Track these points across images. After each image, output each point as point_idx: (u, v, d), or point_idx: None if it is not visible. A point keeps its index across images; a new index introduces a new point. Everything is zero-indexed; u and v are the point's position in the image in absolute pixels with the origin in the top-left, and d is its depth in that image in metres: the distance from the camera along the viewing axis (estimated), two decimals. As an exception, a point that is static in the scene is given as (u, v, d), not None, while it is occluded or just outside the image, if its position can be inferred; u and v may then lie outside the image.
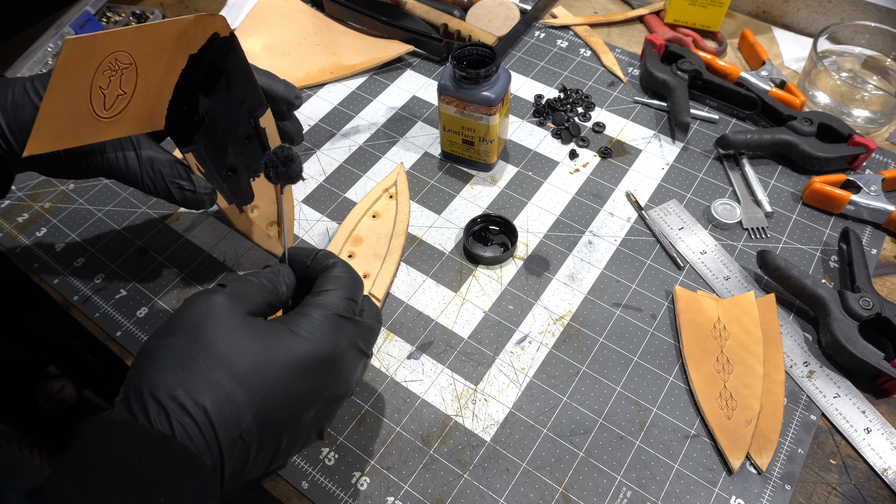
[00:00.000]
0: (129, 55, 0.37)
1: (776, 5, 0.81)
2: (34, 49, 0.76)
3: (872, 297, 0.50)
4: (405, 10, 0.79)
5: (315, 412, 0.36)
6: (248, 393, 0.32)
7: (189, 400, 0.30)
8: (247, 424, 0.32)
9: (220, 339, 0.32)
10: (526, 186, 0.64)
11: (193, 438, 0.30)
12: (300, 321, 0.35)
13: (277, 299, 0.38)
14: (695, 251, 0.58)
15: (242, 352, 0.32)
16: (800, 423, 0.48)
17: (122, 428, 0.30)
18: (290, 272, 0.40)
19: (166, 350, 0.32)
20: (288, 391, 0.33)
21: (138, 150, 0.42)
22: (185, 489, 0.29)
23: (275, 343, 0.33)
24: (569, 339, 0.53)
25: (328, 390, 0.36)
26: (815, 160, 0.61)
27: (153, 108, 0.39)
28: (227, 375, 0.31)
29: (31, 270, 0.59)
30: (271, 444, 0.34)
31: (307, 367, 0.34)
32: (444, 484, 0.46)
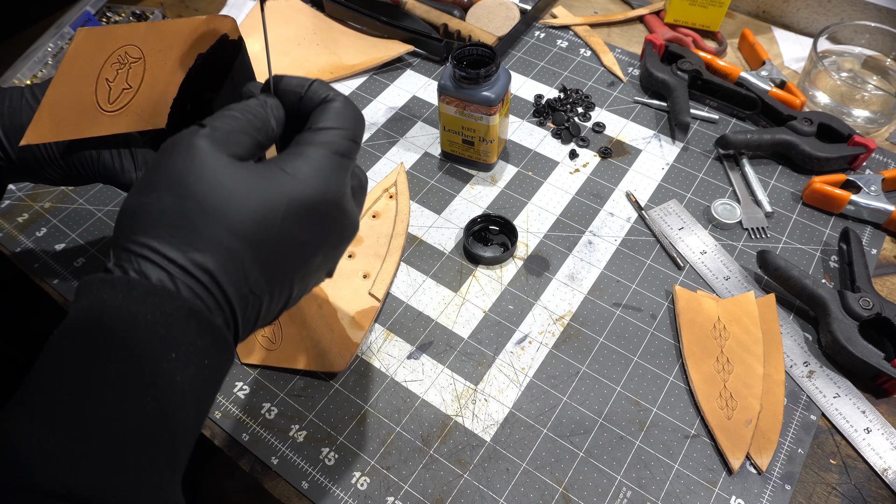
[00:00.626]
0: (139, 49, 0.37)
1: (776, 5, 0.81)
2: (34, 49, 0.76)
3: (872, 297, 0.50)
4: (405, 10, 0.79)
5: (323, 255, 0.34)
6: (251, 247, 0.29)
7: (189, 262, 0.28)
8: (255, 278, 0.30)
9: (211, 192, 0.29)
10: (526, 186, 0.64)
11: (202, 298, 0.28)
12: (299, 162, 0.31)
13: (266, 136, 0.33)
14: (695, 251, 0.58)
15: (239, 203, 0.29)
16: (800, 423, 0.48)
17: (122, 286, 0.27)
18: (279, 104, 0.35)
19: (151, 208, 0.29)
20: (293, 239, 0.31)
21: (134, 154, 0.41)
22: (197, 344, 0.28)
23: (273, 190, 0.30)
24: (569, 339, 0.53)
25: (335, 234, 0.34)
26: (815, 160, 0.61)
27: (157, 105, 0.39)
28: (225, 231, 0.29)
29: (31, 270, 0.59)
30: (282, 292, 0.32)
31: (310, 214, 0.31)
32: (444, 484, 0.46)
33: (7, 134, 0.41)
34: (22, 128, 0.40)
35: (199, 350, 0.28)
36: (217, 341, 0.29)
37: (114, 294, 0.27)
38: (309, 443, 0.48)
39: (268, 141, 0.33)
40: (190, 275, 0.28)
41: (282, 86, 0.35)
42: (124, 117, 0.39)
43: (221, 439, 0.49)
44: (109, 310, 0.27)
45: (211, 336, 0.29)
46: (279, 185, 0.30)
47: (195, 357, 0.28)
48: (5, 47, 0.83)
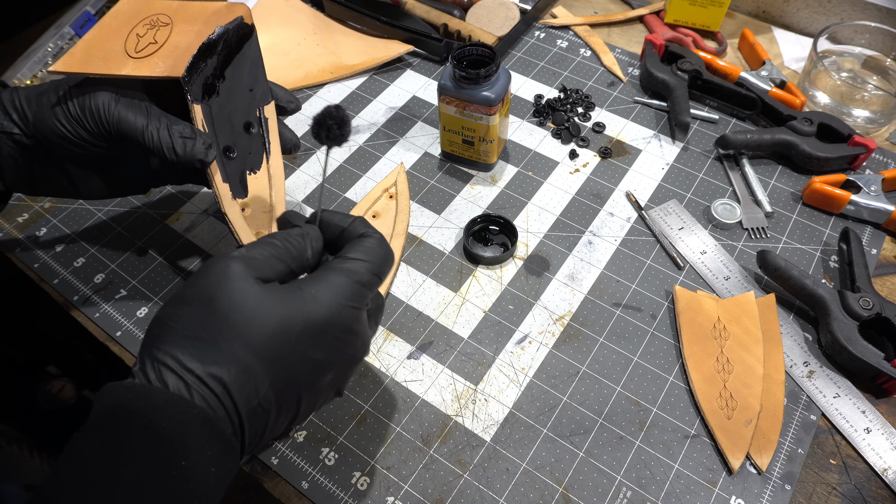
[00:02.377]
0: (169, 17, 0.45)
1: (776, 5, 0.81)
2: (34, 49, 0.76)
3: (872, 297, 0.50)
4: (405, 10, 0.79)
5: (333, 375, 0.36)
6: (264, 362, 0.31)
7: (206, 373, 0.30)
8: (265, 392, 0.32)
9: (235, 310, 0.31)
10: (526, 186, 0.64)
11: (213, 408, 0.30)
12: (319, 287, 0.34)
13: (301, 265, 0.36)
14: (695, 251, 0.58)
15: (258, 321, 0.31)
16: (800, 423, 0.48)
17: (142, 393, 0.30)
18: (320, 236, 0.37)
19: (181, 320, 0.32)
20: (305, 358, 0.33)
21: (149, 107, 0.43)
22: (207, 453, 0.29)
23: (292, 310, 0.32)
24: (569, 339, 0.53)
25: (345, 356, 0.36)
26: (815, 160, 0.61)
27: (178, 60, 0.43)
28: (243, 347, 0.31)
29: (31, 270, 0.59)
30: (290, 409, 0.34)
31: (324, 335, 0.33)
32: (444, 484, 0.46)
33: (29, 99, 0.43)
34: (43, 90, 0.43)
35: (208, 458, 0.30)
36: (226, 451, 0.31)
37: (134, 400, 0.29)
38: (309, 443, 0.48)
39: (301, 269, 0.36)
40: (205, 385, 0.30)
41: (325, 218, 0.38)
42: (147, 63, 0.43)
43: (221, 439, 0.49)
44: (128, 416, 0.29)
45: (220, 445, 0.30)
46: (298, 305, 0.33)
47: (204, 465, 0.30)
48: (5, 47, 0.83)
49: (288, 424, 0.35)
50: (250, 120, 0.49)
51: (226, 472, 0.31)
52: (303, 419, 0.36)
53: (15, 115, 0.43)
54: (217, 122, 0.46)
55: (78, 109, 0.42)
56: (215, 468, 0.30)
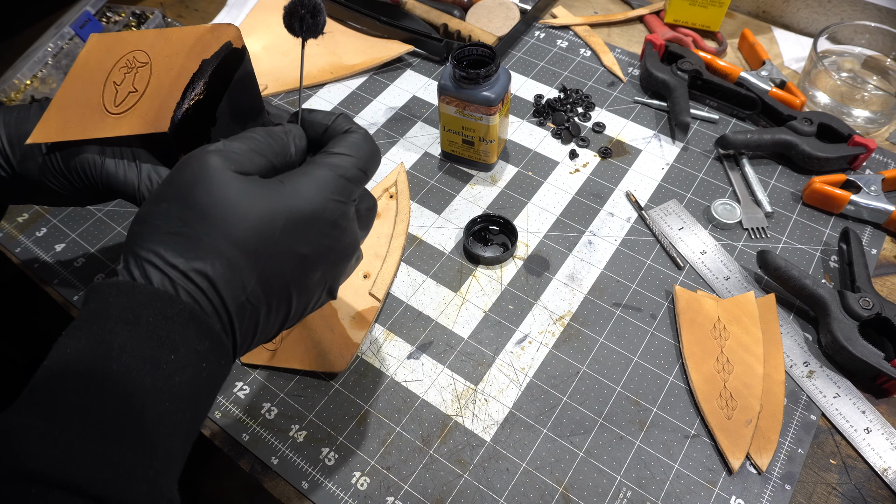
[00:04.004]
0: (147, 54, 0.40)
1: (776, 5, 0.81)
2: (34, 49, 0.76)
3: (872, 297, 0.50)
4: (405, 10, 0.79)
5: (322, 272, 0.35)
6: (249, 256, 0.31)
7: (190, 268, 0.30)
8: (252, 287, 0.31)
9: (214, 203, 0.30)
10: (526, 186, 0.64)
11: (200, 304, 0.30)
12: (303, 179, 0.33)
13: (284, 161, 0.35)
14: (695, 251, 0.58)
15: (240, 215, 0.31)
16: (800, 423, 0.48)
17: (127, 289, 0.29)
18: (302, 134, 0.36)
19: (161, 216, 0.31)
20: (291, 253, 0.32)
21: (137, 162, 0.41)
22: (196, 348, 0.29)
23: (274, 203, 0.31)
24: (569, 339, 0.53)
25: (333, 252, 0.35)
26: (815, 160, 0.61)
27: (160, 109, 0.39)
28: (225, 241, 0.30)
29: (30, 270, 0.59)
30: (281, 305, 0.33)
31: (309, 229, 0.33)
32: (444, 484, 0.46)
33: (12, 143, 0.41)
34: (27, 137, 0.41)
35: (197, 353, 0.29)
36: (215, 346, 0.30)
37: (118, 297, 0.29)
38: (309, 443, 0.48)
39: (284, 166, 0.35)
40: (190, 280, 0.30)
41: (309, 117, 0.37)
42: (128, 119, 0.39)
43: (221, 439, 0.49)
44: (114, 313, 0.28)
45: (209, 340, 0.30)
46: (281, 198, 0.32)
47: (193, 360, 0.29)
48: (5, 47, 0.83)
49: (280, 323, 0.34)
50: None
51: (218, 370, 0.31)
52: (296, 319, 0.35)
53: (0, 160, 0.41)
54: None
55: (64, 169, 0.40)
56: (206, 364, 0.30)
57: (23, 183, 0.43)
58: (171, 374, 0.28)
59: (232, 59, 0.41)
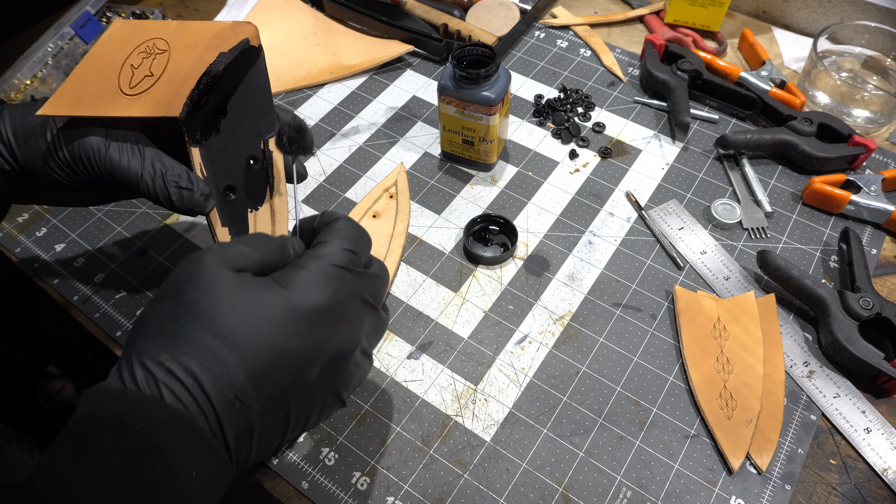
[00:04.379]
0: (167, 43, 0.41)
1: (776, 5, 0.81)
2: (34, 49, 0.76)
3: (872, 297, 0.50)
4: (405, 10, 0.79)
5: (321, 370, 0.33)
6: (236, 351, 0.30)
7: (175, 364, 0.29)
8: (241, 384, 0.30)
9: (202, 299, 0.30)
10: (526, 186, 0.64)
11: (185, 403, 0.29)
12: (292, 273, 0.33)
13: (282, 260, 0.35)
14: (695, 251, 0.58)
15: (226, 309, 0.30)
16: (800, 423, 0.48)
17: (114, 396, 0.28)
18: (301, 242, 0.37)
19: (153, 316, 0.31)
20: (281, 347, 0.31)
21: (141, 149, 0.41)
22: (186, 457, 0.28)
23: (262, 297, 0.31)
24: (569, 339, 0.53)
25: (329, 345, 0.33)
26: (815, 160, 0.61)
27: (175, 95, 0.39)
28: (211, 335, 0.30)
29: (31, 270, 0.59)
30: (276, 407, 0.32)
31: (298, 321, 0.31)
32: (444, 484, 0.46)
33: (17, 135, 0.41)
34: (32, 128, 0.41)
35: (186, 462, 0.28)
36: (207, 454, 0.29)
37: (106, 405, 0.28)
38: (309, 443, 0.48)
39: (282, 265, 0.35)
40: (175, 378, 0.29)
41: (301, 224, 0.38)
42: (141, 102, 0.40)
43: (221, 439, 0.49)
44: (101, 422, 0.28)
45: (199, 448, 0.29)
46: (270, 294, 0.31)
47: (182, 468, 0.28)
48: (5, 47, 0.83)
49: (281, 429, 0.33)
50: (254, 153, 0.45)
51: (211, 479, 0.29)
52: (301, 426, 0.34)
53: (5, 152, 0.41)
54: (217, 161, 0.43)
55: (68, 156, 0.40)
56: (197, 472, 0.28)
57: (27, 177, 0.42)
58: (157, 487, 0.27)
59: (248, 55, 0.41)
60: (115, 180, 0.41)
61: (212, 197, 0.42)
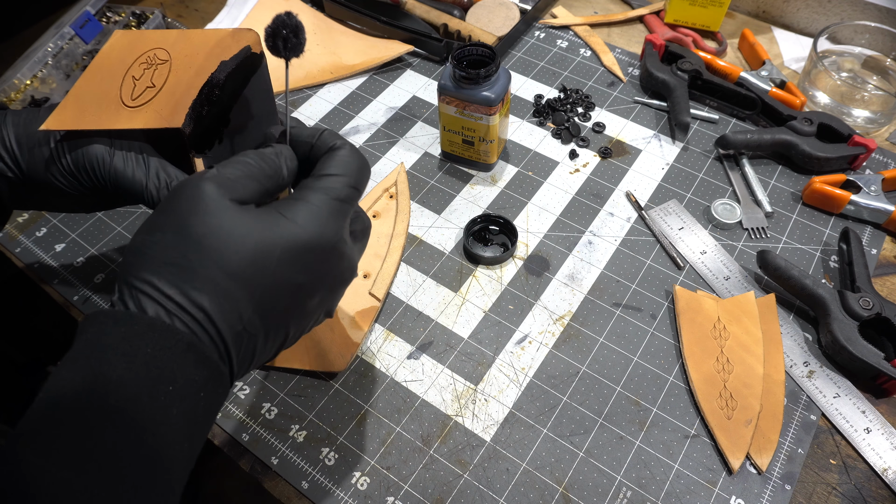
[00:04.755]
0: (168, 53, 0.41)
1: (776, 5, 0.81)
2: (34, 49, 0.76)
3: (872, 297, 0.50)
4: (405, 10, 0.79)
5: (320, 297, 0.34)
6: (245, 287, 0.30)
7: (185, 299, 0.29)
8: (249, 317, 0.31)
9: (210, 234, 0.30)
10: (526, 186, 0.64)
11: (197, 334, 0.30)
12: (297, 207, 0.33)
13: (276, 185, 0.35)
14: (695, 251, 0.58)
15: (235, 245, 0.30)
16: (800, 423, 0.48)
17: (123, 320, 0.29)
18: (293, 154, 0.36)
19: (155, 246, 0.30)
20: (288, 282, 0.32)
21: (146, 159, 0.41)
22: (194, 378, 0.29)
23: (270, 233, 0.31)
24: (569, 339, 0.53)
25: (331, 277, 0.34)
26: (815, 160, 0.61)
27: (176, 106, 0.39)
28: (220, 272, 0.30)
29: (31, 270, 0.59)
30: (278, 332, 0.33)
31: (306, 257, 0.32)
32: (444, 484, 0.46)
33: (20, 142, 0.41)
34: (35, 136, 0.41)
35: (195, 383, 0.29)
36: (213, 375, 0.30)
37: (115, 327, 0.29)
38: (309, 443, 0.48)
39: (277, 189, 0.35)
40: (186, 312, 0.29)
41: (294, 135, 0.37)
42: (143, 113, 0.40)
43: (221, 439, 0.49)
44: (111, 343, 0.28)
45: (207, 370, 0.29)
46: (276, 228, 0.32)
47: (191, 390, 0.29)
48: (5, 47, 0.83)
49: (277, 348, 0.34)
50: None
51: (215, 398, 0.30)
52: (293, 341, 0.36)
53: (8, 159, 0.41)
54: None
55: (72, 165, 0.40)
56: (204, 393, 0.29)
57: (30, 184, 0.42)
58: (169, 406, 0.28)
59: (250, 63, 0.41)
60: (119, 189, 0.41)
61: None
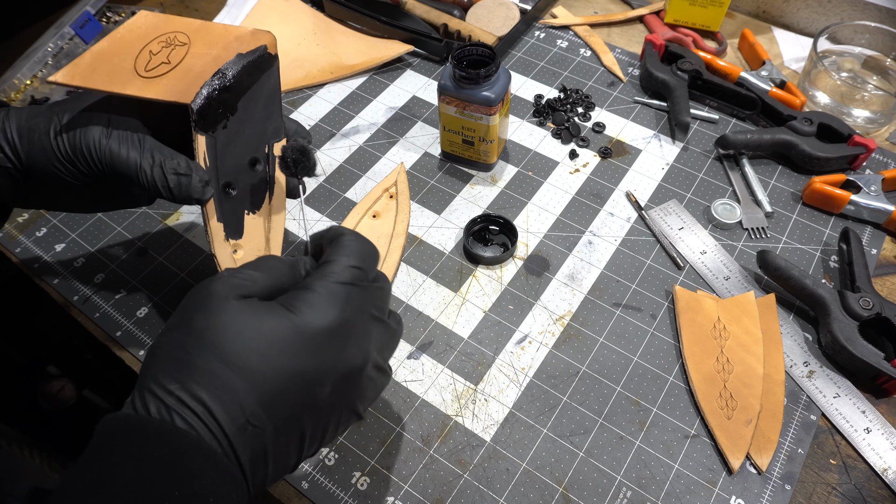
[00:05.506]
0: (188, 37, 0.42)
1: (776, 5, 0.81)
2: (34, 49, 0.76)
3: (872, 297, 0.50)
4: (405, 10, 0.79)
5: (332, 388, 0.33)
6: (244, 377, 0.30)
7: (184, 392, 0.30)
8: (252, 409, 0.30)
9: (210, 327, 0.31)
10: (526, 186, 0.64)
11: (197, 430, 0.29)
12: (298, 296, 0.33)
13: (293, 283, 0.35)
14: (695, 251, 0.58)
15: (233, 335, 0.31)
16: (800, 423, 0.48)
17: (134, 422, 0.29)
18: (312, 261, 0.38)
19: (164, 345, 0.31)
20: (290, 369, 0.31)
21: (141, 139, 0.41)
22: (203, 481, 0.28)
23: (268, 322, 0.31)
24: (569, 339, 0.53)
25: (339, 363, 0.33)
26: (815, 160, 0.61)
27: (189, 84, 0.40)
28: (219, 363, 0.30)
29: (31, 270, 0.59)
30: (290, 428, 0.32)
31: (306, 342, 0.32)
32: (444, 484, 0.46)
33: (21, 133, 0.41)
34: (36, 127, 0.41)
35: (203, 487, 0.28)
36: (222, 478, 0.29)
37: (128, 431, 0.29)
38: (309, 443, 0.48)
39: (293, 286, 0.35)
40: (185, 405, 0.29)
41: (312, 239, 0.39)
42: (155, 85, 0.40)
43: (221, 439, 0.48)
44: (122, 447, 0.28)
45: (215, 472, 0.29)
46: (277, 318, 0.32)
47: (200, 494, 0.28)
48: (5, 47, 0.83)
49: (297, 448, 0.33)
50: (257, 156, 0.45)
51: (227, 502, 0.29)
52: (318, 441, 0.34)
53: (8, 150, 0.41)
54: (221, 156, 0.43)
55: (69, 148, 0.40)
56: (214, 498, 0.29)
57: (31, 175, 0.43)
58: None
59: (264, 61, 0.43)
60: (115, 171, 0.41)
61: (210, 185, 0.42)
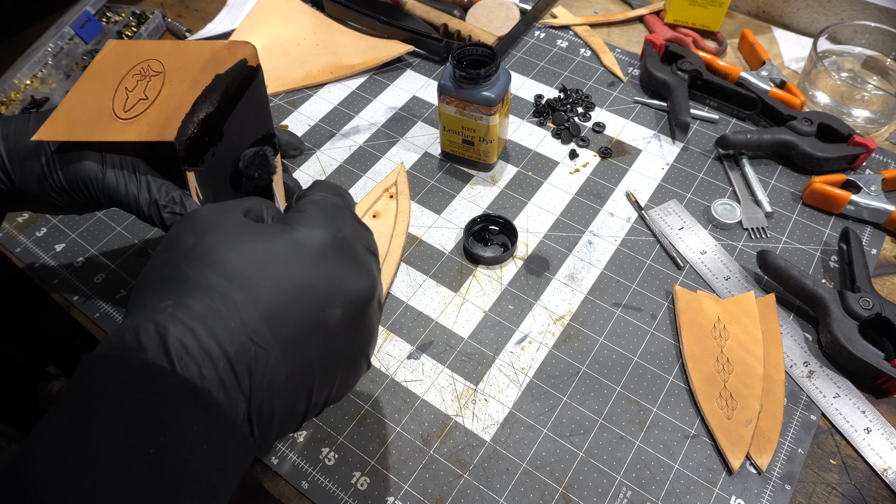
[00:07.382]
0: (161, 64, 0.40)
1: (776, 5, 0.81)
2: (34, 49, 0.76)
3: (872, 297, 0.50)
4: (405, 10, 0.79)
5: (343, 312, 0.30)
6: (243, 288, 0.27)
7: (177, 308, 0.26)
8: (254, 324, 0.27)
9: (200, 242, 0.28)
10: (526, 186, 0.64)
11: (189, 350, 0.26)
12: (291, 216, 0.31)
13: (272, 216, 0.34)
14: (695, 251, 0.58)
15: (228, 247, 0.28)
16: (800, 423, 0.48)
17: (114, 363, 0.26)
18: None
19: (151, 269, 0.29)
20: (294, 283, 0.28)
21: (137, 174, 0.40)
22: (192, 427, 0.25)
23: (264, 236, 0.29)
24: (569, 339, 0.53)
25: (347, 283, 0.30)
26: (815, 160, 0.61)
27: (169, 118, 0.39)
28: (214, 274, 0.27)
29: (31, 270, 0.59)
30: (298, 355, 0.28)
31: (308, 256, 0.29)
32: (444, 484, 0.46)
33: (11, 158, 0.40)
34: (26, 150, 0.40)
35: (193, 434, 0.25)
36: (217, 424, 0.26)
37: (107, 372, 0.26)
38: (309, 443, 0.48)
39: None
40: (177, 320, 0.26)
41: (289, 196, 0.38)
42: (136, 126, 0.39)
43: (221, 439, 0.48)
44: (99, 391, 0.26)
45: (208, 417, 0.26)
46: (272, 231, 0.30)
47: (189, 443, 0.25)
48: (5, 47, 0.83)
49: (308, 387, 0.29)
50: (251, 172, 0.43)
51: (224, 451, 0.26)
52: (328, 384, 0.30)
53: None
54: (214, 183, 0.41)
55: (64, 182, 0.40)
56: (207, 445, 0.26)
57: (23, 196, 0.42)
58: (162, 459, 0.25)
59: (246, 76, 0.41)
60: (113, 204, 0.41)
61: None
